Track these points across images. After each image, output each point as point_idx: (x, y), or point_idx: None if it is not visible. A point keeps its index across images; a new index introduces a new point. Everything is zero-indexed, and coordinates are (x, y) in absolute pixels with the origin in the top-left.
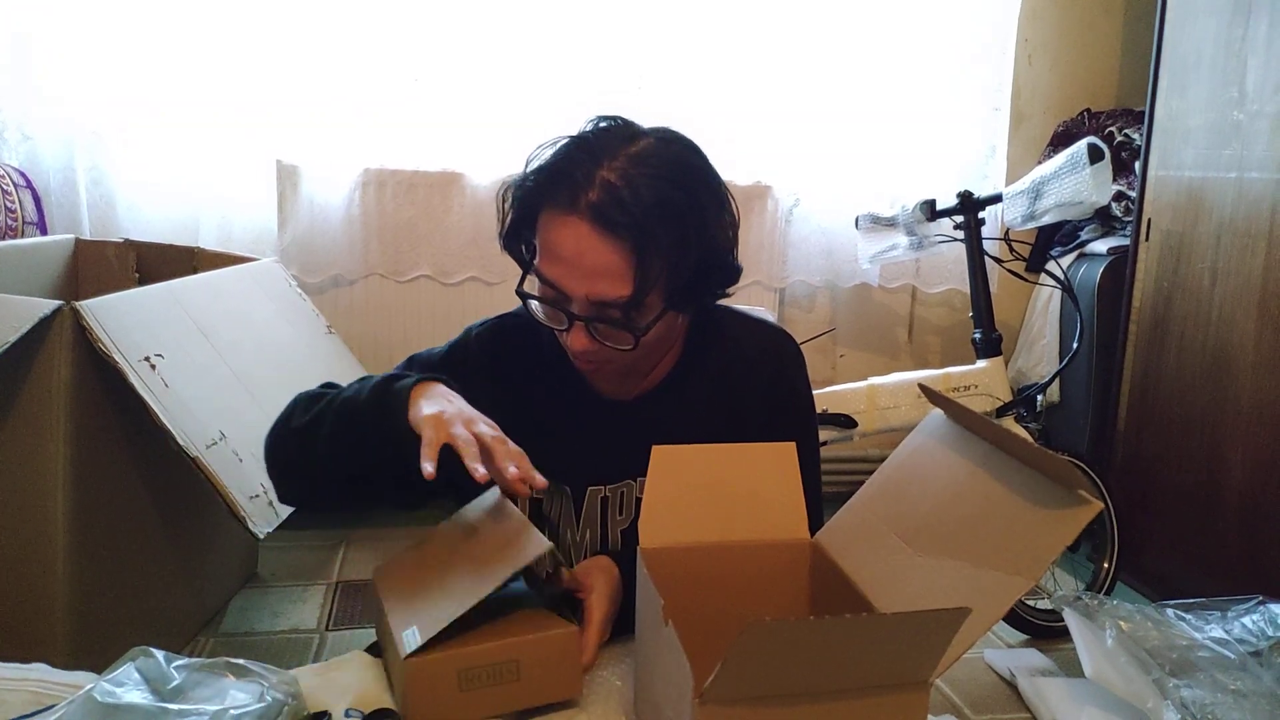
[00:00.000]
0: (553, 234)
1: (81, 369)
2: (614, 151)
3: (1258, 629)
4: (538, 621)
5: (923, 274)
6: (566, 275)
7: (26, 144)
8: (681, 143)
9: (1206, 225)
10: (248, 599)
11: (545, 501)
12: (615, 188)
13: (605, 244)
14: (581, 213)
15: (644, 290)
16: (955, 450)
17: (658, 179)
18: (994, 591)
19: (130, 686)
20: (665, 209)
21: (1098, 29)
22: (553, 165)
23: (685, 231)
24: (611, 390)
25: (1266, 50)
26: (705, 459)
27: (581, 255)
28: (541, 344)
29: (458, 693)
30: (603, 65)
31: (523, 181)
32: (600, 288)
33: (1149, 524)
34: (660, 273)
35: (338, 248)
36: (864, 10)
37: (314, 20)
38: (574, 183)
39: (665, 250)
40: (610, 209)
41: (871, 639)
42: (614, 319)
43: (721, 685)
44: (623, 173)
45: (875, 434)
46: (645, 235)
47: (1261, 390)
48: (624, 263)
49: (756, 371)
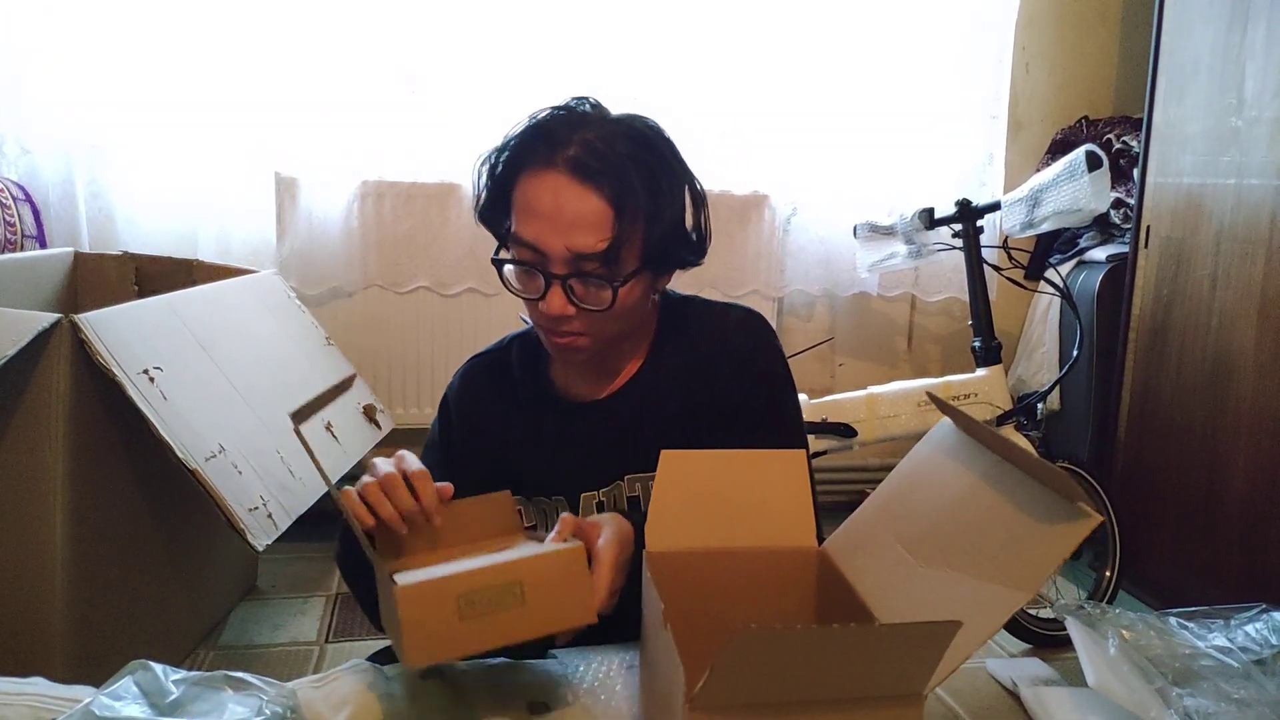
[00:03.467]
0: (530, 191)
1: (80, 382)
2: (591, 121)
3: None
4: (540, 547)
5: (922, 282)
6: (545, 229)
7: (25, 158)
8: (651, 122)
9: (1206, 232)
10: (247, 611)
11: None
12: (593, 143)
13: (584, 192)
14: (559, 167)
15: (621, 240)
16: (960, 461)
17: (632, 139)
18: (992, 604)
19: (129, 700)
20: (640, 163)
21: (1095, 37)
22: (532, 128)
23: (659, 186)
24: (583, 386)
25: (1264, 56)
26: (713, 464)
27: (560, 207)
28: (510, 370)
29: (458, 621)
30: (600, 76)
31: (501, 150)
32: (579, 238)
33: (1151, 532)
34: (636, 225)
35: (336, 259)
36: (861, 19)
37: (312, 33)
38: (553, 141)
39: (641, 202)
40: (589, 159)
41: (862, 650)
42: (592, 272)
43: (711, 692)
44: (599, 133)
45: (875, 443)
46: (622, 184)
47: (1262, 397)
48: (602, 211)
49: (726, 359)
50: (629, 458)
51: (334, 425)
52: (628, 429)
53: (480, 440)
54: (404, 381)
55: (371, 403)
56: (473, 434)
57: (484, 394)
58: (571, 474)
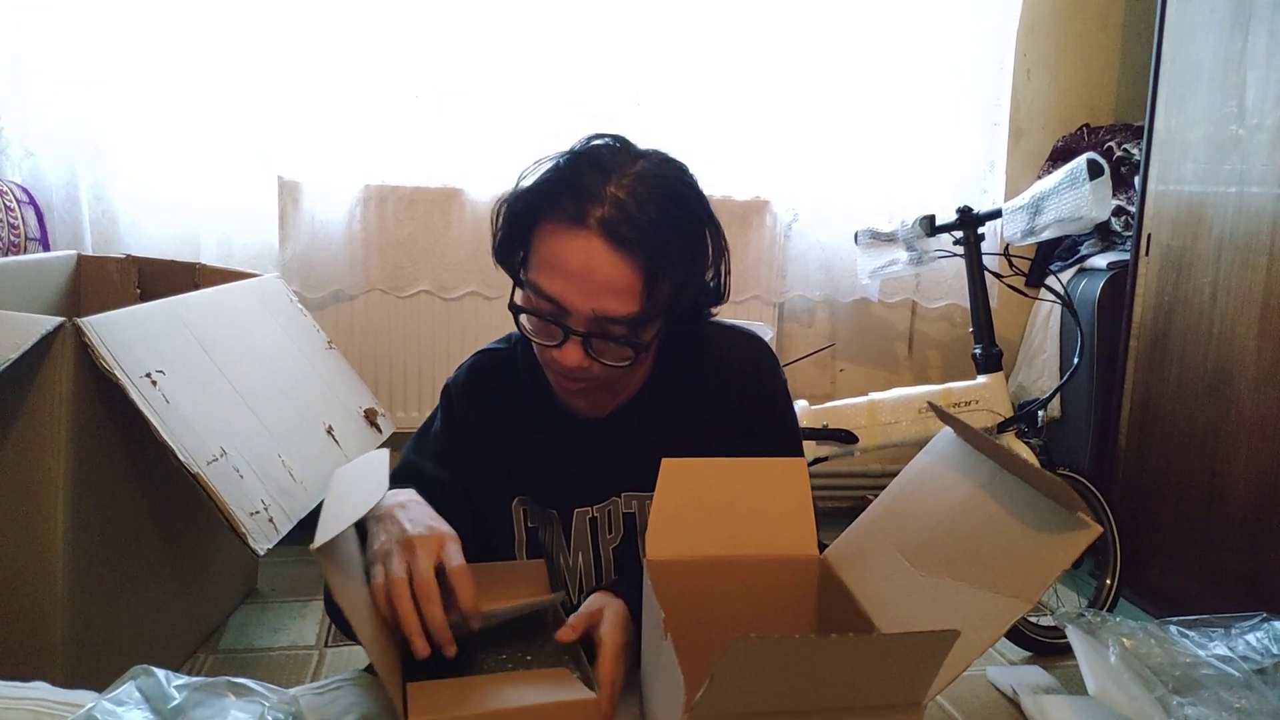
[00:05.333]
0: (558, 248)
1: (83, 385)
2: (620, 169)
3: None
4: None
5: (922, 289)
6: (571, 289)
7: (29, 160)
8: (675, 164)
9: (1207, 240)
10: (247, 615)
11: (540, 530)
12: (625, 204)
13: (617, 260)
14: (592, 228)
15: (652, 308)
16: (961, 470)
17: (662, 197)
18: (991, 614)
19: (131, 705)
20: (673, 228)
21: (1096, 44)
22: (559, 177)
23: (689, 250)
24: (586, 409)
25: (1266, 64)
26: (714, 473)
27: (591, 271)
28: (517, 375)
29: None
30: (602, 82)
31: (522, 194)
32: (607, 304)
33: (1151, 540)
34: (666, 291)
35: (338, 263)
36: (863, 25)
37: (316, 37)
38: (583, 196)
39: (674, 268)
40: (622, 225)
41: (860, 659)
42: (616, 335)
43: (710, 700)
44: (630, 190)
45: (876, 449)
46: (656, 253)
47: (1263, 405)
48: (635, 280)
49: (731, 380)
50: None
51: (334, 428)
52: (627, 445)
53: (480, 435)
54: (405, 385)
55: (372, 406)
56: (474, 429)
57: (489, 390)
58: (567, 486)
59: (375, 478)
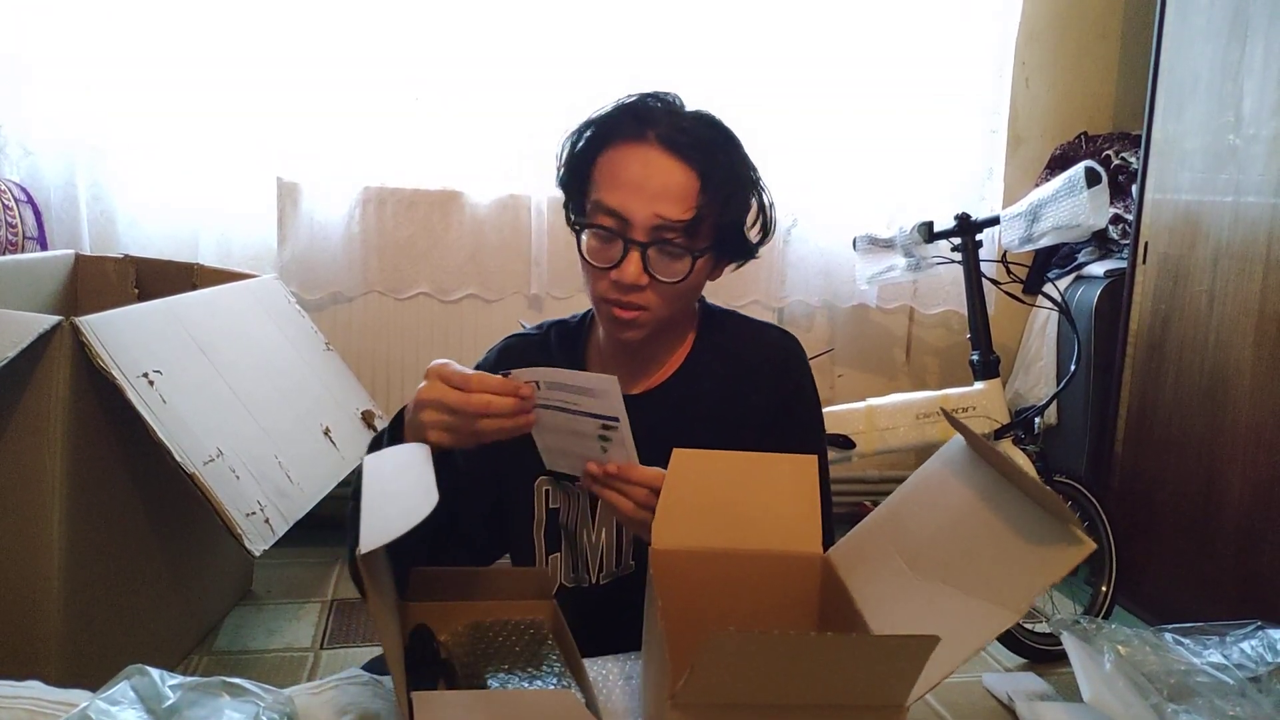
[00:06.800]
0: (619, 162)
1: (80, 385)
2: (677, 107)
3: (1256, 654)
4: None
5: (920, 295)
6: (632, 197)
7: (28, 159)
8: None
9: (1203, 248)
10: (242, 616)
11: (561, 510)
12: (679, 121)
13: (673, 164)
14: (649, 140)
15: (703, 214)
16: (964, 477)
17: (716, 128)
18: (980, 622)
19: (125, 705)
20: (720, 143)
21: (1094, 52)
22: (620, 107)
23: (737, 171)
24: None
25: (1263, 74)
26: (725, 465)
27: (650, 176)
28: (550, 352)
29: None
30: (601, 85)
31: (587, 125)
32: (665, 207)
33: (1147, 547)
34: (716, 203)
35: (337, 265)
36: (862, 32)
37: (316, 38)
38: (643, 118)
39: (723, 180)
40: (678, 136)
41: (838, 658)
42: (673, 242)
43: (691, 690)
44: (683, 113)
45: (873, 455)
46: (709, 162)
47: (1259, 413)
48: (689, 184)
49: (762, 371)
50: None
51: (331, 430)
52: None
53: None
54: (403, 387)
55: (370, 408)
56: None
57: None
58: None
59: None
